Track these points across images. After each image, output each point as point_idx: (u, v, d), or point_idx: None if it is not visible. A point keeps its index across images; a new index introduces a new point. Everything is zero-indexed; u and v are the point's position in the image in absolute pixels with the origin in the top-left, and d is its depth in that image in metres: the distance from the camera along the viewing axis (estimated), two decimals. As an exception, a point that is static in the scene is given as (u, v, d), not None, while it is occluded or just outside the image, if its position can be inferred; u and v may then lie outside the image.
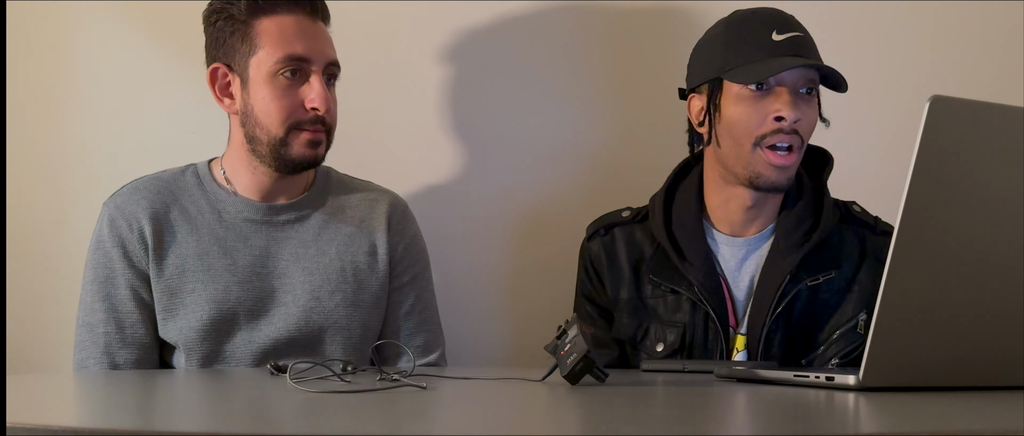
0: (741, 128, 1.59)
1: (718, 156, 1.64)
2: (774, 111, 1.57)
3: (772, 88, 1.57)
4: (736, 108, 1.59)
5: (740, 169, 1.61)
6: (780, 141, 1.57)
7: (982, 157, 1.06)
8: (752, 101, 1.58)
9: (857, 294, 1.63)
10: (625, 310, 1.69)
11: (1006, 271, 1.09)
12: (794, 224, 1.65)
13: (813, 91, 1.60)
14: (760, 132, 1.58)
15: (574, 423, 0.92)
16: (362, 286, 1.69)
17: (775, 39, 1.58)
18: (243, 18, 1.59)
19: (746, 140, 1.59)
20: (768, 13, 1.62)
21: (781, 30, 1.58)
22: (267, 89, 1.59)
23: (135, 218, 1.63)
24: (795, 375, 1.19)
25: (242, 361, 1.63)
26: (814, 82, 1.60)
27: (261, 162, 1.64)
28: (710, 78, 1.62)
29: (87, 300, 1.65)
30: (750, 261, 1.66)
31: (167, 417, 0.96)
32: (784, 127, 1.57)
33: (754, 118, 1.58)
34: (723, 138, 1.62)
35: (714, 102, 1.62)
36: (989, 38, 2.01)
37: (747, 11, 1.64)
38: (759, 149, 1.58)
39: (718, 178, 1.66)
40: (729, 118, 1.60)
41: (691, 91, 1.68)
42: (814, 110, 1.61)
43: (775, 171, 1.59)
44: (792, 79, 1.58)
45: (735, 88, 1.59)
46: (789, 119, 1.56)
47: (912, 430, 0.83)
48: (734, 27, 1.62)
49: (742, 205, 1.65)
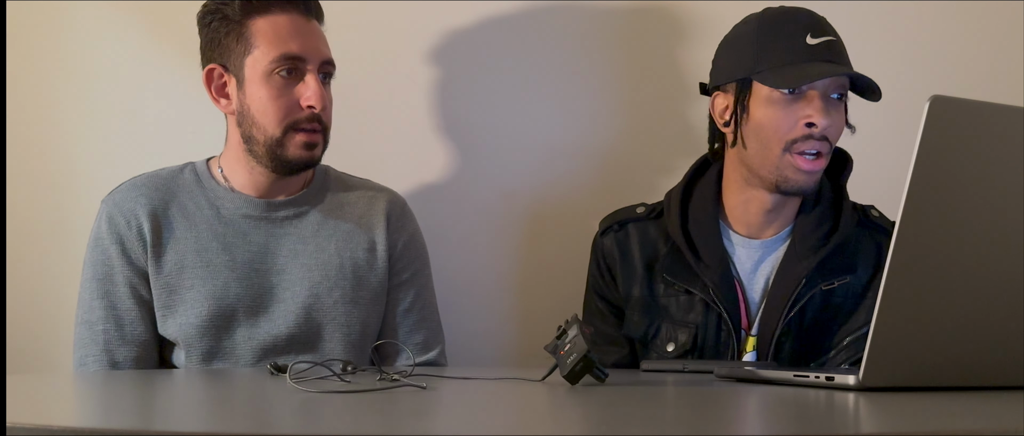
0: (770, 132, 1.56)
1: (742, 157, 1.62)
2: (805, 117, 1.55)
3: (804, 93, 1.55)
4: (766, 111, 1.56)
5: (766, 173, 1.59)
6: (809, 147, 1.56)
7: (982, 157, 1.06)
8: (783, 105, 1.55)
9: (871, 300, 1.59)
10: (636, 308, 1.67)
11: (1006, 271, 1.09)
12: (812, 227, 1.63)
13: (843, 97, 1.59)
14: (791, 137, 1.56)
15: (574, 423, 0.92)
16: (361, 283, 1.68)
17: (809, 43, 1.55)
18: (237, 18, 1.59)
19: (775, 144, 1.57)
20: (803, 15, 1.59)
21: (816, 34, 1.55)
22: (263, 89, 1.59)
23: (133, 215, 1.63)
24: (795, 375, 1.19)
25: (242, 357, 1.63)
26: (844, 87, 1.58)
27: (258, 162, 1.64)
28: (739, 77, 1.59)
29: (86, 298, 1.65)
30: (766, 263, 1.64)
31: (167, 417, 0.96)
32: (814, 134, 1.55)
33: (784, 123, 1.55)
34: (750, 140, 1.59)
35: (742, 103, 1.59)
36: (989, 38, 2.01)
37: (780, 10, 1.61)
38: (788, 154, 1.56)
39: (739, 179, 1.64)
40: (757, 120, 1.58)
41: (715, 88, 1.65)
42: (842, 116, 1.60)
43: (803, 176, 1.57)
44: (824, 85, 1.55)
45: (765, 90, 1.56)
46: (821, 125, 1.54)
47: (912, 430, 0.82)
48: (767, 26, 1.58)
49: (762, 207, 1.63)
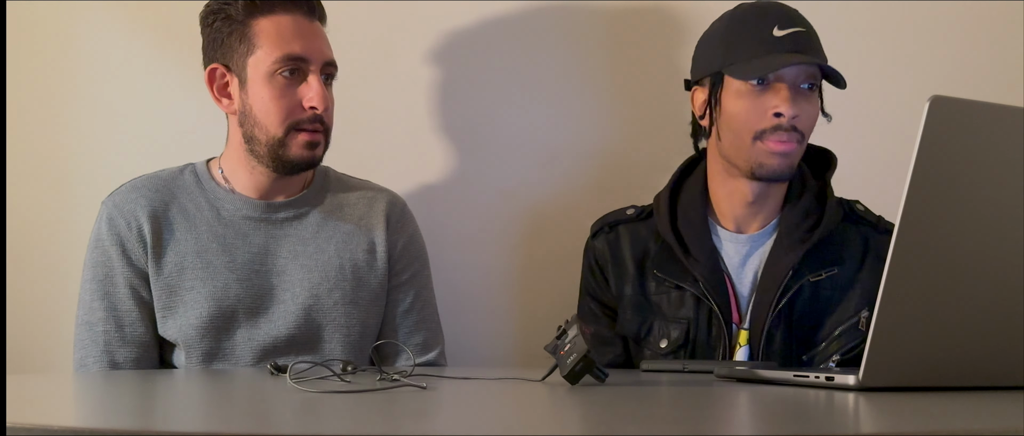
0: (740, 122, 1.59)
1: (720, 149, 1.65)
2: (773, 107, 1.57)
3: (772, 84, 1.58)
4: (736, 103, 1.60)
5: (741, 162, 1.62)
6: (779, 137, 1.58)
7: (982, 157, 1.06)
8: (752, 96, 1.58)
9: (859, 292, 1.62)
10: (629, 306, 1.69)
11: (1006, 271, 1.09)
12: (797, 220, 1.65)
13: (814, 86, 1.61)
14: (759, 127, 1.58)
15: (574, 423, 0.92)
16: (361, 283, 1.69)
17: (776, 34, 1.58)
18: (241, 18, 1.59)
19: (746, 135, 1.59)
20: (771, 7, 1.62)
21: (783, 25, 1.58)
22: (265, 89, 1.59)
23: (134, 216, 1.63)
24: (795, 375, 1.19)
25: (242, 358, 1.63)
26: (815, 77, 1.60)
27: (259, 162, 1.64)
28: (711, 72, 1.63)
29: (86, 299, 1.65)
30: (754, 257, 1.67)
31: (167, 417, 0.96)
32: (783, 124, 1.57)
33: (753, 114, 1.58)
34: (724, 132, 1.63)
35: (715, 96, 1.63)
36: (989, 38, 2.01)
37: (750, 5, 1.64)
38: (759, 142, 1.59)
39: (722, 170, 1.67)
40: (729, 112, 1.61)
41: (695, 83, 1.68)
42: (814, 105, 1.61)
43: (776, 159, 1.59)
44: (792, 75, 1.58)
45: (735, 83, 1.59)
46: (788, 115, 1.57)
47: (912, 430, 0.82)
48: (736, 21, 1.62)
49: (744, 198, 1.66)
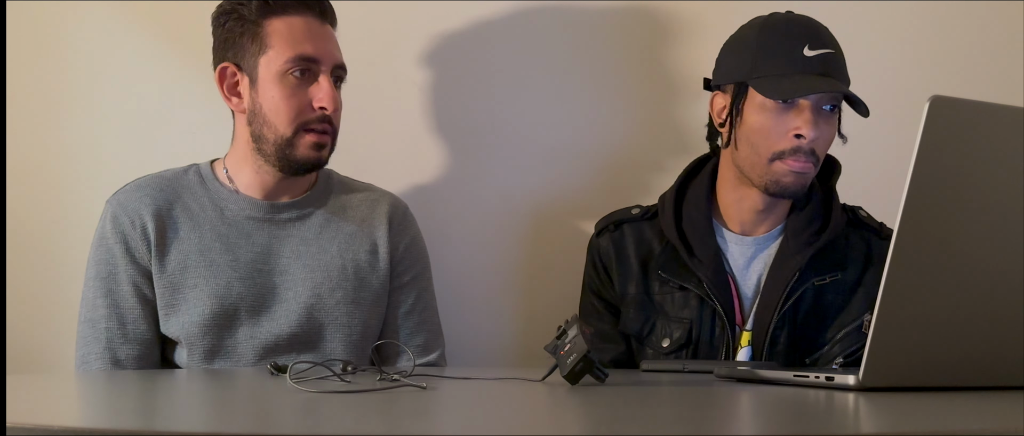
0: (760, 138, 1.59)
1: (734, 158, 1.65)
2: (794, 128, 1.57)
3: (796, 103, 1.57)
4: (758, 117, 1.59)
5: (756, 177, 1.62)
6: (796, 158, 1.58)
7: (982, 157, 1.06)
8: (775, 113, 1.58)
9: (862, 296, 1.63)
10: (632, 305, 1.69)
11: (1006, 271, 1.09)
12: (803, 224, 1.66)
13: (836, 108, 1.60)
14: (779, 147, 1.58)
15: (574, 423, 0.92)
16: (363, 284, 1.69)
17: (806, 54, 1.56)
18: (254, 18, 1.60)
19: (764, 152, 1.59)
20: (803, 24, 1.60)
21: (813, 45, 1.57)
22: (276, 88, 1.60)
23: (138, 215, 1.64)
24: (795, 375, 1.19)
25: (243, 356, 1.63)
26: (837, 99, 1.60)
27: (266, 161, 1.65)
28: (736, 80, 1.62)
29: (89, 296, 1.65)
30: (758, 260, 1.67)
31: (167, 417, 0.96)
32: (802, 146, 1.57)
33: (774, 132, 1.58)
34: (742, 143, 1.62)
35: (737, 105, 1.62)
36: (989, 38, 2.01)
37: (783, 18, 1.62)
38: (776, 162, 1.59)
39: (733, 177, 1.67)
40: (750, 125, 1.60)
41: (716, 86, 1.67)
42: (833, 127, 1.62)
43: (792, 177, 1.59)
44: (816, 97, 1.58)
45: (759, 97, 1.58)
46: (808, 137, 1.57)
47: (912, 430, 0.82)
48: (767, 34, 1.60)
49: (754, 206, 1.66)
